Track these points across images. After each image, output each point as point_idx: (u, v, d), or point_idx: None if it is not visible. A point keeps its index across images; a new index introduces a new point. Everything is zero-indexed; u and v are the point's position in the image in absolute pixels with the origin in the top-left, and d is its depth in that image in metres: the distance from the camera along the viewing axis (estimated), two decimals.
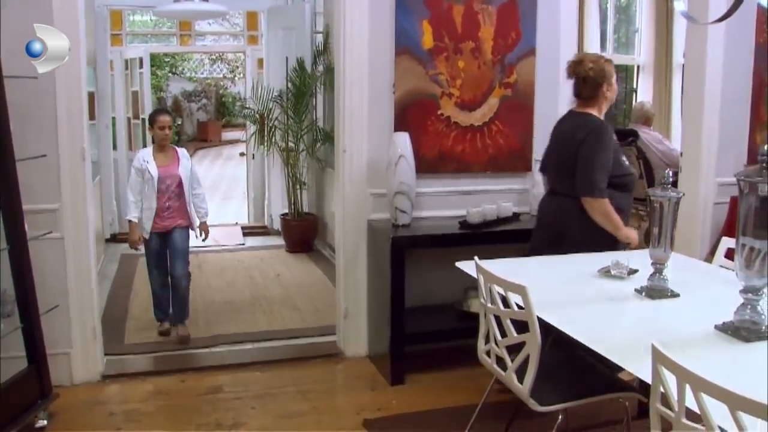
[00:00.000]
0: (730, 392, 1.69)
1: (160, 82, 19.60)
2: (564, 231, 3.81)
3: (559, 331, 2.66)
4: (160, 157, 5.08)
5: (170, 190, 5.07)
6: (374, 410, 3.96)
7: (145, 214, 5.04)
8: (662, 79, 10.03)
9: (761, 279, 2.48)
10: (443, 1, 4.49)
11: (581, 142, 3.70)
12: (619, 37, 10.62)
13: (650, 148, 7.84)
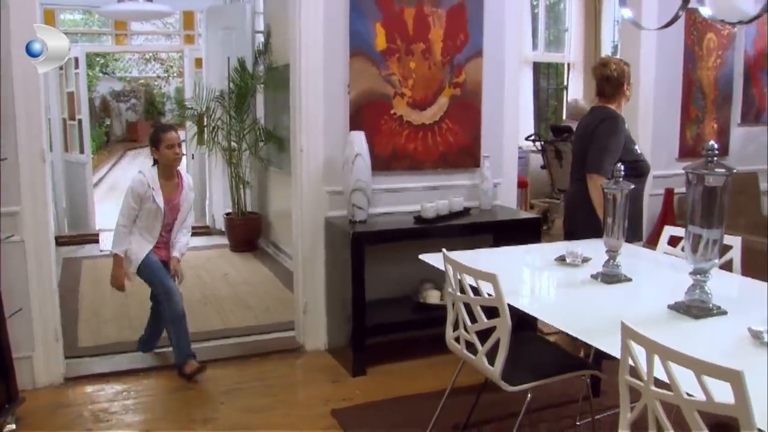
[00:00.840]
0: (696, 359, 1.88)
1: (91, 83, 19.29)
2: (571, 217, 4.34)
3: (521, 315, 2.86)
4: (166, 185, 4.48)
5: (169, 223, 4.56)
6: (340, 401, 4.08)
7: (141, 246, 4.46)
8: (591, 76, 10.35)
9: (708, 262, 2.71)
10: (395, 4, 4.64)
11: (596, 128, 4.12)
12: (549, 36, 10.92)
13: None
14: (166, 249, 4.61)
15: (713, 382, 1.86)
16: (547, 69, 11.17)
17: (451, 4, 4.81)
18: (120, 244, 4.43)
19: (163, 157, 4.43)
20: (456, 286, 3.05)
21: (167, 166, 4.48)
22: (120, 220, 4.43)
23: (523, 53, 10.03)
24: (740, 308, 2.78)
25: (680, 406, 1.96)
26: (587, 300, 3.05)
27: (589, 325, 2.70)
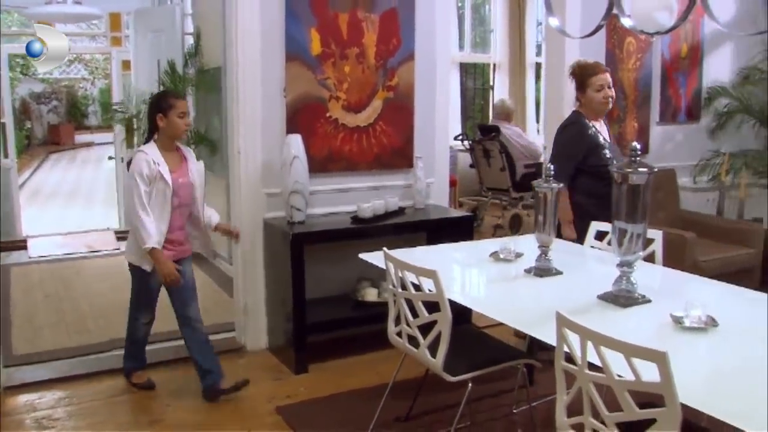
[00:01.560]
0: (625, 343, 2.05)
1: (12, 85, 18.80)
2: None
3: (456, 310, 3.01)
4: (169, 159, 3.97)
5: (182, 205, 4.05)
6: (284, 398, 4.18)
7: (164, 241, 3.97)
8: (516, 76, 10.66)
9: (633, 255, 2.92)
10: (329, 10, 4.75)
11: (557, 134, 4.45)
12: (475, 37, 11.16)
13: (511, 142, 8.34)
14: (181, 245, 4.12)
15: (641, 364, 2.03)
16: (473, 69, 11.42)
17: (383, 9, 4.95)
18: (153, 235, 3.82)
19: (172, 126, 3.92)
20: (397, 283, 3.18)
21: (171, 138, 3.98)
22: (139, 212, 3.81)
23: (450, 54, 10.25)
24: (663, 296, 2.99)
25: (612, 386, 2.13)
26: (522, 293, 3.23)
27: (525, 317, 2.87)
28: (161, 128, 3.94)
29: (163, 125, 3.93)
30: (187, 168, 4.07)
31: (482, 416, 3.91)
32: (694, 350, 2.50)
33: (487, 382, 3.36)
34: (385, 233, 4.77)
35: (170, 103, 3.93)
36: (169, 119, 3.91)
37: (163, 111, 3.91)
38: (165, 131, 3.95)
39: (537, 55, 10.58)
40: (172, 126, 3.93)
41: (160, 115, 3.91)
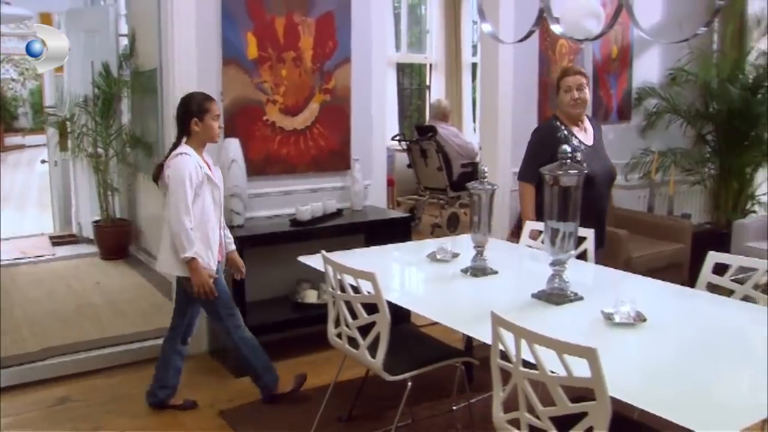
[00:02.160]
0: (557, 341, 2.13)
1: None
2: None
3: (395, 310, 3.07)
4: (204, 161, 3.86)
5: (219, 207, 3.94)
6: (226, 402, 4.18)
7: (212, 245, 3.83)
8: (453, 76, 10.77)
9: (565, 253, 3.01)
10: (266, 13, 4.77)
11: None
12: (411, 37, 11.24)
13: (448, 141, 8.43)
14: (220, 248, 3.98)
15: (573, 360, 2.11)
16: (409, 68, 11.51)
17: (320, 12, 4.98)
18: (193, 244, 3.69)
19: (208, 130, 3.81)
20: (336, 285, 3.23)
21: (205, 142, 3.86)
22: (184, 218, 3.65)
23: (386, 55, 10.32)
24: (595, 293, 3.10)
25: (546, 382, 2.21)
26: (458, 293, 3.31)
27: (461, 316, 2.94)
28: (195, 132, 3.82)
29: (198, 129, 3.81)
30: (215, 173, 3.97)
31: (423, 414, 3.97)
32: (624, 345, 2.60)
33: (428, 380, 3.41)
34: (324, 235, 4.79)
35: (206, 107, 3.83)
36: (205, 123, 3.81)
37: (199, 115, 3.81)
38: (199, 135, 3.83)
39: (473, 55, 10.72)
40: (209, 130, 3.83)
41: (196, 120, 3.80)
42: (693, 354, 2.52)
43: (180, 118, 3.88)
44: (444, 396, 4.11)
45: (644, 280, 3.43)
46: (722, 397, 2.20)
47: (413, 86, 11.67)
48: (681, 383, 2.26)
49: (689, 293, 3.30)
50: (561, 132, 4.16)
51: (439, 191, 8.69)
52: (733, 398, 2.22)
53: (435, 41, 10.96)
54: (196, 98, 3.88)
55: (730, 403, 2.17)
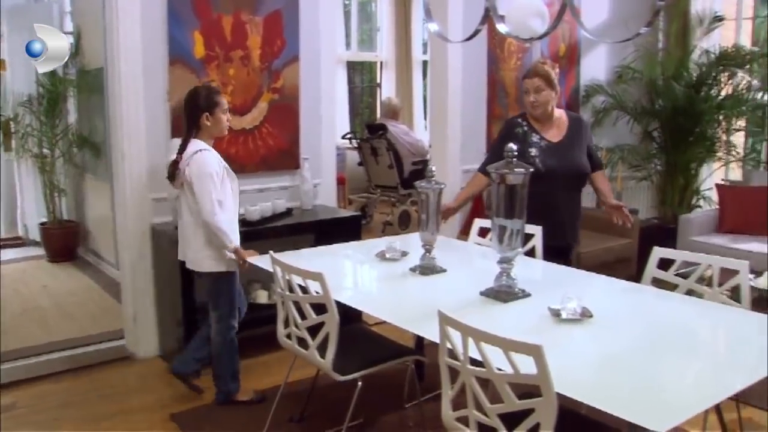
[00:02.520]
0: (503, 338, 2.14)
1: None
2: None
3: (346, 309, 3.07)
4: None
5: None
6: (177, 405, 4.13)
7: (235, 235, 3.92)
8: (403, 74, 10.79)
9: (512, 251, 3.03)
10: (213, 12, 4.72)
11: None
12: (361, 35, 11.23)
13: (398, 139, 8.45)
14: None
15: (520, 357, 2.12)
16: (360, 66, 11.50)
17: (268, 11, 4.95)
18: (231, 234, 3.81)
19: (219, 124, 3.87)
20: (285, 286, 3.21)
21: (214, 136, 3.93)
22: (218, 213, 3.74)
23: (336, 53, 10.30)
24: (542, 290, 3.12)
25: (493, 380, 2.22)
26: (407, 291, 3.32)
27: (410, 315, 2.94)
28: (206, 127, 3.85)
29: (209, 124, 3.84)
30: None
31: (375, 413, 3.97)
32: (570, 341, 2.62)
33: (380, 379, 3.42)
34: (274, 235, 4.77)
35: (216, 100, 3.84)
36: (215, 117, 3.84)
37: (209, 109, 3.82)
38: (209, 129, 3.87)
39: (424, 53, 10.74)
40: (219, 123, 3.87)
41: (207, 114, 3.82)
42: (638, 348, 2.56)
43: (189, 114, 3.87)
44: (396, 394, 4.12)
45: (591, 276, 3.48)
46: (667, 390, 2.23)
47: (364, 84, 11.66)
48: (626, 378, 2.30)
49: (635, 288, 3.35)
50: (521, 128, 4.16)
51: (390, 189, 8.71)
52: (677, 391, 2.25)
53: (385, 39, 10.96)
54: (204, 93, 3.88)
55: (674, 395, 2.20)
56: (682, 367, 2.47)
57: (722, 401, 2.26)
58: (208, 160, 3.77)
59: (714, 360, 2.58)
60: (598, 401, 2.06)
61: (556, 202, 4.05)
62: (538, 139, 4.12)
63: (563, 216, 4.11)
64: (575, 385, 2.18)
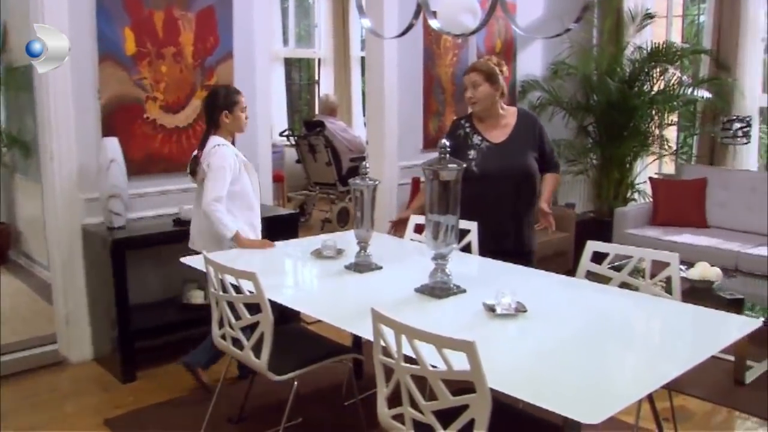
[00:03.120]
0: (436, 335, 2.13)
1: None
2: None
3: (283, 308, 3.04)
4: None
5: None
6: (112, 409, 4.05)
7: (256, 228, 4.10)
8: (342, 71, 10.76)
9: (447, 247, 3.03)
10: (143, 8, 4.63)
11: None
12: (299, 31, 11.16)
13: (336, 136, 8.43)
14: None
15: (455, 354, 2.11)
16: (298, 63, 11.44)
17: (200, 7, 4.87)
18: (229, 221, 3.87)
19: (237, 122, 4.06)
20: (218, 286, 3.17)
21: (233, 133, 4.12)
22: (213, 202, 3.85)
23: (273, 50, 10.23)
24: (477, 286, 3.12)
25: (427, 377, 2.22)
26: (343, 289, 3.29)
27: (345, 313, 2.91)
28: (225, 124, 4.03)
29: (228, 121, 4.03)
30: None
31: (314, 411, 3.95)
32: (505, 336, 2.63)
33: (319, 377, 3.40)
34: None
35: (235, 99, 4.04)
36: (234, 115, 4.03)
37: (228, 108, 4.01)
38: (228, 127, 4.05)
39: (362, 50, 10.70)
40: (238, 121, 4.06)
41: (226, 112, 4.01)
42: (572, 342, 2.58)
43: (209, 111, 4.07)
44: (336, 393, 4.10)
45: (526, 271, 3.50)
46: (600, 382, 2.25)
47: (302, 81, 11.60)
48: (560, 372, 2.31)
49: (569, 282, 3.38)
50: (462, 130, 4.11)
51: (329, 186, 8.68)
52: (610, 383, 2.27)
53: (323, 36, 10.91)
54: (223, 92, 4.10)
55: (607, 387, 2.22)
56: (615, 358, 2.50)
57: (655, 390, 2.30)
58: (224, 155, 3.94)
59: (646, 351, 2.62)
60: (532, 396, 2.07)
61: (495, 204, 3.98)
62: (479, 141, 4.06)
63: (504, 220, 4.02)
64: (509, 381, 2.18)
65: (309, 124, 8.79)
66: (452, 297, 2.99)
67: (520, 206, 4.06)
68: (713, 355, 2.46)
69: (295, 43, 11.04)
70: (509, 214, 4.04)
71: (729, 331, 2.80)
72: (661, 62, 6.93)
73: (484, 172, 3.96)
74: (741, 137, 6.72)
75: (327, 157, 8.36)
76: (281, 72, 10.52)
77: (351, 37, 10.75)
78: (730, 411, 4.09)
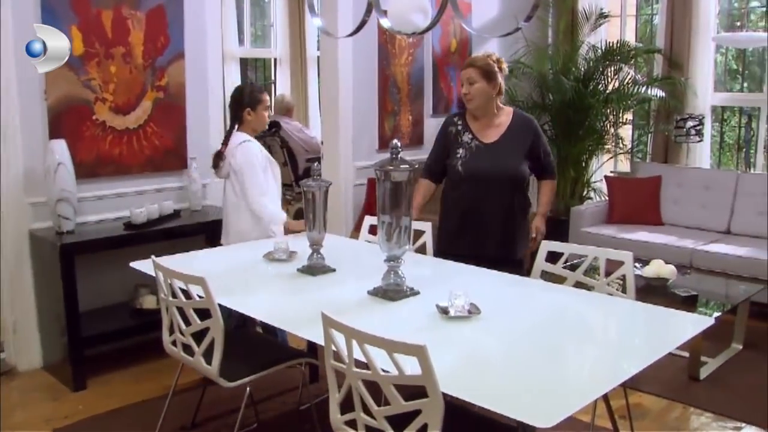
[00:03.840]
0: (386, 340, 2.09)
1: None
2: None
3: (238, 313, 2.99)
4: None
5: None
6: (62, 419, 3.95)
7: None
8: (298, 70, 10.66)
9: (400, 249, 2.99)
10: (91, 7, 4.52)
11: None
12: (255, 31, 11.06)
13: (292, 137, 8.36)
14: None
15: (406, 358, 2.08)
16: (255, 63, 11.32)
17: (150, 6, 4.78)
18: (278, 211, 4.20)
19: (260, 120, 4.20)
20: (167, 291, 3.10)
21: (255, 131, 4.24)
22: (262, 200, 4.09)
23: (228, 49, 10.11)
24: (431, 287, 3.08)
25: (378, 382, 2.18)
26: (295, 293, 3.23)
27: (296, 317, 2.86)
28: (248, 121, 4.17)
29: (250, 119, 4.17)
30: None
31: (269, 416, 3.91)
32: (458, 339, 2.60)
33: (274, 381, 3.36)
34: (162, 238, 4.62)
35: (259, 98, 4.17)
36: (257, 113, 4.16)
37: (252, 106, 4.14)
38: (251, 124, 4.19)
39: (318, 50, 10.61)
40: (260, 120, 4.19)
41: (249, 110, 4.15)
42: (526, 344, 2.56)
43: (234, 108, 4.24)
44: (292, 398, 4.05)
45: (481, 271, 3.46)
46: (555, 384, 2.23)
47: (259, 81, 11.48)
48: (514, 374, 2.29)
49: (524, 282, 3.37)
50: (454, 127, 3.94)
51: (286, 187, 8.56)
52: (565, 385, 2.25)
53: (279, 35, 10.81)
54: (248, 90, 4.23)
55: (562, 389, 2.20)
56: (570, 359, 2.49)
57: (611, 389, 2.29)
58: (252, 151, 4.11)
59: (601, 350, 2.61)
60: (485, 400, 2.04)
61: (481, 207, 3.84)
62: (469, 139, 3.88)
63: (489, 224, 3.85)
64: (462, 384, 2.16)
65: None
66: (405, 299, 2.95)
67: (507, 211, 3.87)
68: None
69: (251, 43, 10.93)
70: (495, 218, 3.85)
71: (683, 329, 2.81)
72: (616, 61, 6.98)
73: (470, 172, 3.82)
74: (694, 135, 6.78)
75: (283, 158, 8.27)
76: (237, 72, 10.40)
77: (307, 37, 10.65)
78: (685, 407, 4.12)
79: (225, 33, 9.90)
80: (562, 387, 2.23)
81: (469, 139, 3.89)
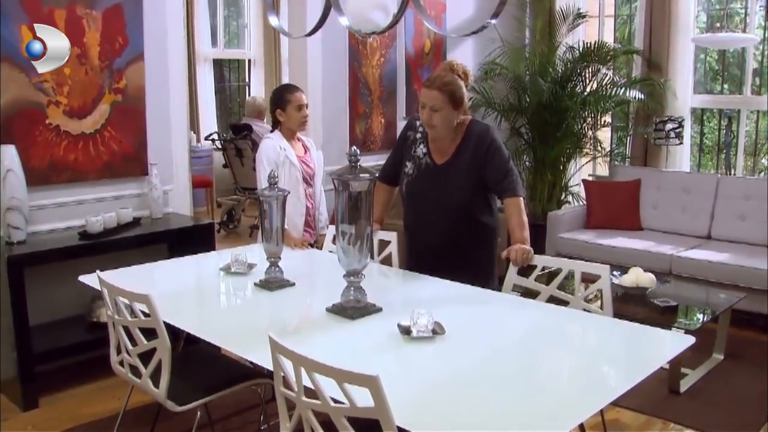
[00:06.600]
0: (336, 369, 1.91)
1: None
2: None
3: None
4: (295, 147, 4.29)
5: (308, 192, 4.31)
6: None
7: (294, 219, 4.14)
8: (272, 72, 10.49)
9: (360, 263, 2.80)
10: (43, 5, 4.29)
11: None
12: (229, 32, 10.88)
13: None
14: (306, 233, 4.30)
15: None
16: (228, 64, 11.13)
17: (106, 5, 4.55)
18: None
19: (291, 119, 4.21)
20: (113, 307, 2.90)
21: (291, 130, 4.26)
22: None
23: (201, 50, 9.93)
24: (395, 303, 2.92)
25: (329, 413, 2.00)
26: (250, 309, 3.06)
27: (248, 337, 2.66)
28: (282, 122, 4.23)
29: (283, 119, 4.22)
30: (310, 156, 4.36)
31: None
32: (420, 362, 2.42)
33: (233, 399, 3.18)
34: (120, 248, 4.40)
35: (286, 98, 4.20)
36: (287, 113, 4.19)
37: (281, 106, 4.19)
38: (285, 124, 4.23)
39: None
40: (291, 119, 4.20)
41: (279, 111, 4.21)
42: (494, 367, 2.39)
43: (270, 109, 4.36)
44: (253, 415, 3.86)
45: (449, 285, 3.25)
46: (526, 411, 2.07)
47: (234, 83, 11.28)
48: (480, 401, 2.12)
49: (495, 297, 3.21)
50: (414, 132, 3.63)
51: None
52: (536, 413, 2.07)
53: (254, 36, 10.63)
54: (279, 92, 4.32)
55: (533, 419, 2.03)
56: (542, 384, 2.32)
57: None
58: (264, 147, 4.21)
59: (576, 374, 2.44)
60: None
61: (424, 231, 3.60)
62: (422, 154, 3.56)
63: (435, 247, 3.56)
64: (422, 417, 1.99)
65: (236, 127, 8.52)
66: (366, 317, 2.75)
67: (453, 239, 3.53)
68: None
69: (225, 44, 10.73)
70: (439, 245, 3.55)
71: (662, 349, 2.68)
72: (594, 62, 6.84)
73: (412, 195, 3.60)
74: (674, 138, 6.65)
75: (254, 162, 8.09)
76: (210, 74, 10.21)
77: (281, 38, 10.47)
78: (666, 423, 3.96)
79: (197, 34, 9.73)
80: (534, 417, 2.05)
81: (422, 153, 3.57)
